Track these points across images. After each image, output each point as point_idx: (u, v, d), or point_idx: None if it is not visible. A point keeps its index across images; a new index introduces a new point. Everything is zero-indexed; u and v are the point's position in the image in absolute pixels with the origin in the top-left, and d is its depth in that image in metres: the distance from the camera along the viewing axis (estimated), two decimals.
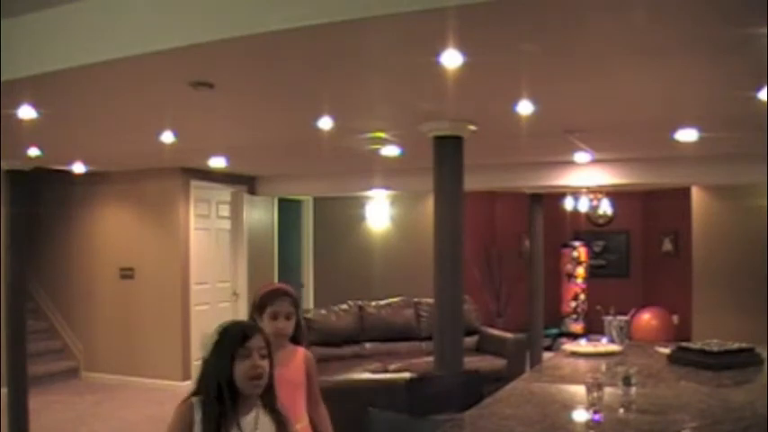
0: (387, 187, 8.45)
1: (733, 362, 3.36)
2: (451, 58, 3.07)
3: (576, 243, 10.21)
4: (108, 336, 8.15)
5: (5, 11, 3.29)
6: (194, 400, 1.99)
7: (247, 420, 1.99)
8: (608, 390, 2.63)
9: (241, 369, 1.96)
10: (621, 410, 2.39)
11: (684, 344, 3.57)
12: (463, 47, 2.98)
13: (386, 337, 7.40)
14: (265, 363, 2.01)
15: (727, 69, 3.40)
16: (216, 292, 8.45)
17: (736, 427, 2.13)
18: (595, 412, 2.20)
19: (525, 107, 4.10)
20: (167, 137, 5.04)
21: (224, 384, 1.94)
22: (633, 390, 2.44)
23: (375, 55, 3.24)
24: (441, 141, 4.69)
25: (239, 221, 8.77)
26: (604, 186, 7.87)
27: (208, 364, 2.01)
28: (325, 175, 8.35)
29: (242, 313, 8.54)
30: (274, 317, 2.59)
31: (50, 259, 8.49)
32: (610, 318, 3.91)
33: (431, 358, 4.68)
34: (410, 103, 4.27)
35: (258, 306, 2.63)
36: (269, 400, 2.04)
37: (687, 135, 5.17)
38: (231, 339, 1.99)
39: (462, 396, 2.83)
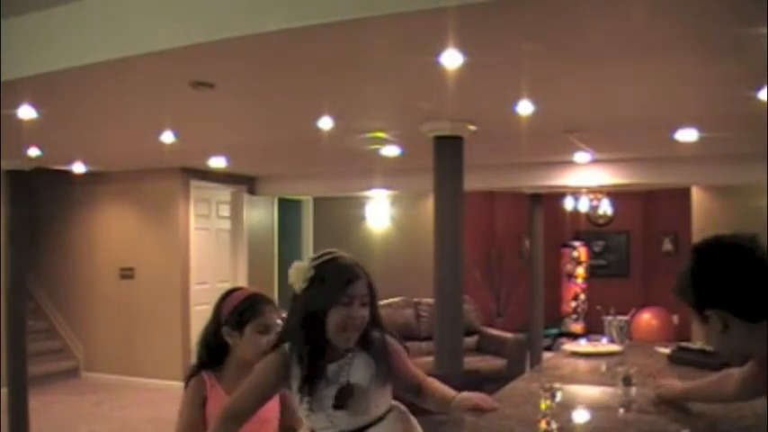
0: (387, 187, 8.45)
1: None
2: (451, 58, 3.07)
3: (576, 243, 10.21)
4: (108, 336, 8.15)
5: (5, 11, 3.29)
6: (287, 347, 1.79)
7: (335, 368, 1.81)
8: (608, 390, 2.64)
9: (335, 318, 1.74)
10: (621, 410, 2.39)
11: (684, 344, 3.55)
12: (463, 47, 2.98)
13: None
14: (365, 312, 1.79)
15: (728, 69, 3.40)
16: (216, 292, 8.29)
17: (735, 427, 2.13)
18: (548, 423, 2.16)
19: (525, 107, 4.10)
20: (167, 137, 5.04)
21: (319, 325, 1.74)
22: (633, 390, 2.44)
23: (375, 55, 3.25)
24: (441, 141, 4.69)
25: (239, 221, 8.77)
26: (604, 186, 7.87)
27: (299, 302, 1.78)
28: (325, 175, 8.35)
29: None
30: (264, 331, 2.11)
31: (50, 259, 8.49)
32: (610, 318, 3.90)
33: (431, 358, 4.69)
34: (410, 103, 4.27)
35: (237, 317, 2.14)
36: (366, 344, 1.84)
37: (687, 135, 5.17)
38: (333, 281, 1.76)
39: None
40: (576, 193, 8.67)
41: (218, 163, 7.23)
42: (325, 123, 4.57)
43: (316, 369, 1.79)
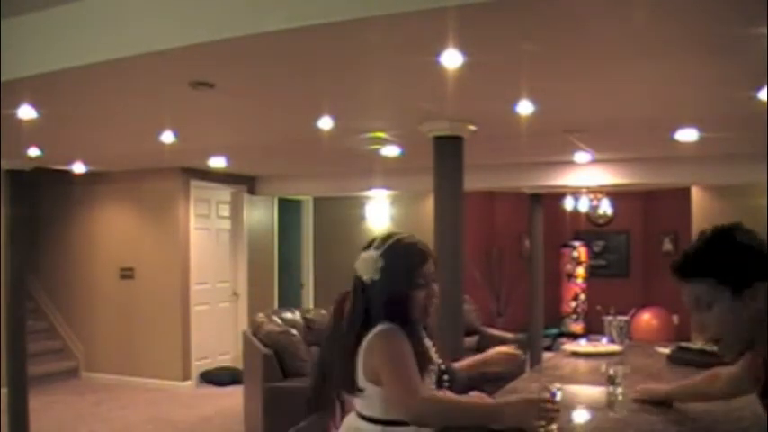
0: (387, 187, 8.45)
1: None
2: (451, 58, 3.07)
3: (576, 243, 10.21)
4: (108, 336, 8.15)
5: (5, 11, 3.29)
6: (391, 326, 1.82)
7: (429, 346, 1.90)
8: (609, 389, 2.63)
9: (419, 297, 1.84)
10: (624, 411, 2.38)
11: (684, 344, 3.55)
12: (463, 47, 2.98)
13: None
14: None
15: (727, 69, 3.40)
16: (216, 292, 8.45)
17: (735, 427, 2.13)
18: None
19: (525, 107, 4.10)
20: (167, 137, 5.04)
21: (405, 309, 1.80)
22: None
23: (375, 55, 3.24)
24: (441, 141, 4.69)
25: (239, 221, 8.77)
26: (604, 186, 7.87)
27: (376, 291, 1.84)
28: (325, 175, 8.35)
29: (242, 313, 8.56)
30: None
31: (50, 259, 8.49)
32: (610, 318, 3.89)
33: None
34: (410, 103, 4.27)
35: None
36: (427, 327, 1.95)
37: (687, 135, 5.17)
38: (411, 264, 1.85)
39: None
40: (576, 193, 8.67)
41: (218, 163, 7.23)
42: (326, 123, 4.57)
43: (427, 348, 1.86)
